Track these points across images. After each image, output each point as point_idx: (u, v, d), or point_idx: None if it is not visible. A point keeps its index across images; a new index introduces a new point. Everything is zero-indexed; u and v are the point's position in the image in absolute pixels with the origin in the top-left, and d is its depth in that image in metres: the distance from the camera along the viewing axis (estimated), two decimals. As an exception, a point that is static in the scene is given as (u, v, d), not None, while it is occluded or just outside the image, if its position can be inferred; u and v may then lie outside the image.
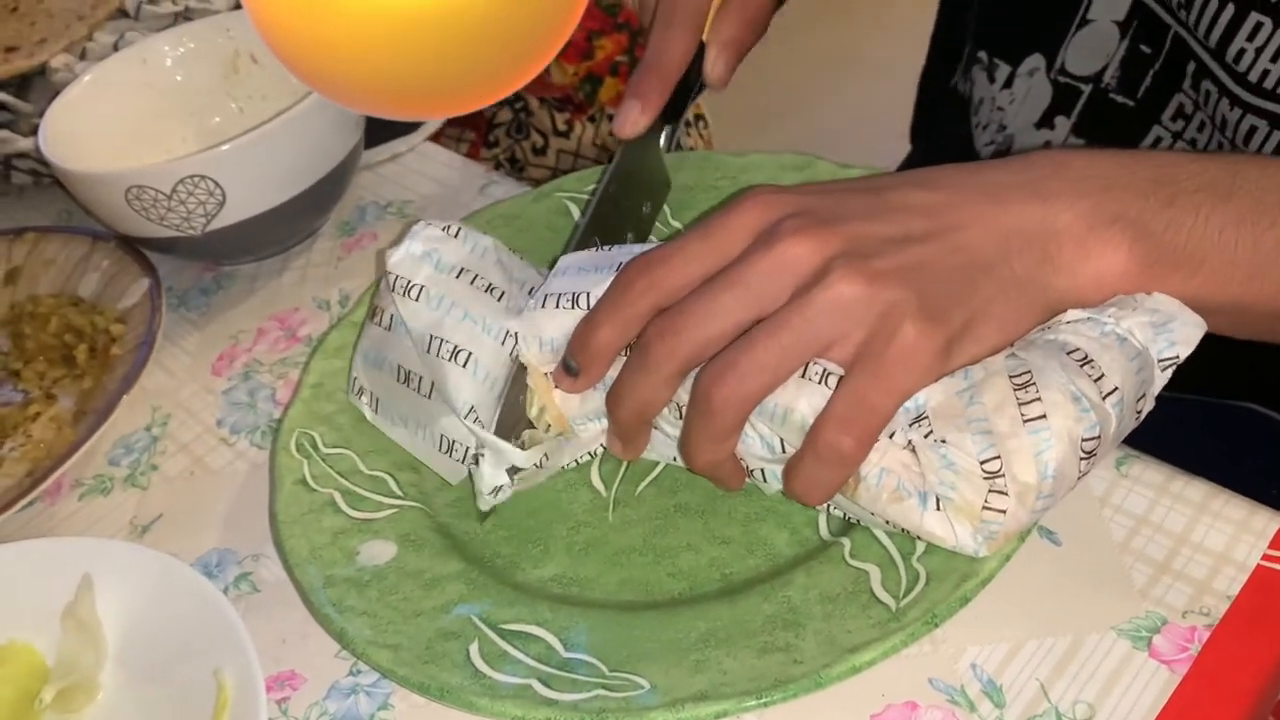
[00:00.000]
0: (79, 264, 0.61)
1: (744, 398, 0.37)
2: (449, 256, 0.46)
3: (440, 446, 0.46)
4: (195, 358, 0.58)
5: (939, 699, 0.37)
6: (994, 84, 0.66)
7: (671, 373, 0.39)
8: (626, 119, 0.50)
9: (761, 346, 0.37)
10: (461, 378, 0.43)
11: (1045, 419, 0.35)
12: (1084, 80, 0.61)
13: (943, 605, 0.37)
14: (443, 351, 0.44)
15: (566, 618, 0.40)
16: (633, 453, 0.44)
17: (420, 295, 0.45)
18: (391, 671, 0.39)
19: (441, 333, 0.44)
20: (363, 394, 0.48)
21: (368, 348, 0.48)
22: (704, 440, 0.39)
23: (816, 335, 0.36)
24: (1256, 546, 0.39)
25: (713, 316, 0.38)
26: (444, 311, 0.45)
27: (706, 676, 0.37)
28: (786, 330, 0.36)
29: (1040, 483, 0.35)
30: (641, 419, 0.41)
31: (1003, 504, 0.36)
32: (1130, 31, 0.58)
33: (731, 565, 0.42)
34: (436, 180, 0.65)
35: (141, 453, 0.53)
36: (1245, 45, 0.50)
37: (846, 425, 0.36)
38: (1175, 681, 0.37)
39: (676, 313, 0.38)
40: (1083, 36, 0.60)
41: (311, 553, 0.43)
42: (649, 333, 0.39)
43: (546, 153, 1.08)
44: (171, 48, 0.65)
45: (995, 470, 0.35)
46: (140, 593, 0.42)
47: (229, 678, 0.39)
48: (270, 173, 0.56)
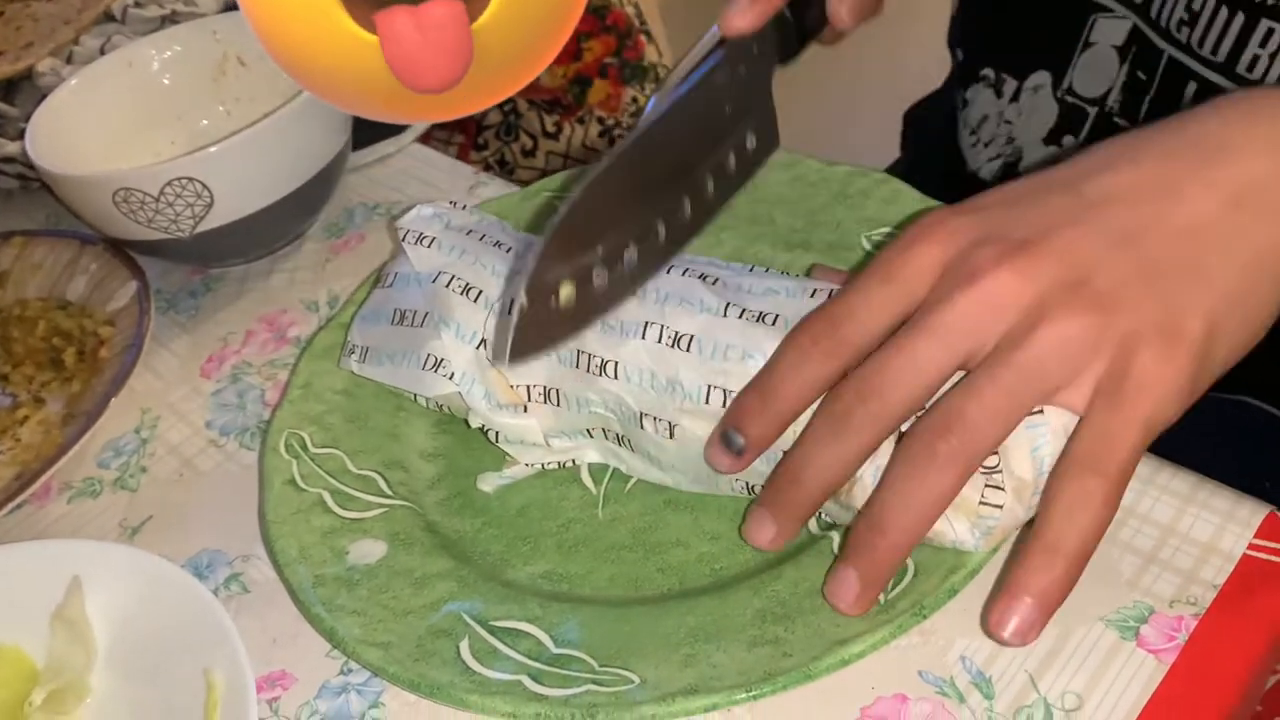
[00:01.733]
0: (67, 267, 0.61)
1: (975, 453, 0.33)
2: (458, 221, 0.49)
3: (426, 364, 0.44)
4: (184, 360, 0.57)
5: (928, 691, 0.37)
6: (1001, 98, 0.66)
7: (873, 440, 0.34)
8: (735, 8, 0.40)
9: (989, 394, 0.32)
10: (472, 311, 0.44)
11: (1042, 414, 0.35)
12: (1090, 102, 0.61)
13: (931, 597, 0.37)
14: (453, 285, 0.45)
15: (556, 614, 0.40)
16: (787, 537, 0.38)
17: (432, 244, 0.47)
18: (382, 670, 0.39)
19: (452, 270, 0.46)
20: (353, 352, 0.48)
21: (367, 310, 0.49)
22: (919, 501, 0.33)
23: (1046, 378, 0.32)
24: (1243, 536, 0.40)
25: (919, 373, 0.33)
26: (455, 256, 0.46)
27: (696, 670, 0.37)
28: (1015, 373, 0.32)
29: (1037, 479, 0.35)
30: (827, 496, 0.36)
31: (999, 499, 0.36)
32: (1129, 57, 0.58)
33: (721, 560, 0.42)
34: (425, 182, 0.65)
35: (131, 455, 0.53)
36: (1259, 52, 0.50)
37: (1093, 467, 0.32)
38: (1163, 671, 0.37)
39: (874, 371, 0.34)
40: (1087, 59, 0.60)
41: (301, 552, 0.43)
42: (846, 396, 0.34)
43: (536, 155, 1.08)
44: (158, 51, 0.65)
45: (993, 466, 0.35)
46: (129, 594, 0.42)
47: (219, 678, 0.38)
48: (258, 174, 0.56)
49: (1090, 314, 0.32)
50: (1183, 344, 0.32)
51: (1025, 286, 0.33)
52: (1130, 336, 0.32)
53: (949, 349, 0.33)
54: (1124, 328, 0.32)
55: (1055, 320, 0.32)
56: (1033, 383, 0.33)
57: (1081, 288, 0.32)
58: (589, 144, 1.09)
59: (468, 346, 0.44)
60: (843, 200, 0.52)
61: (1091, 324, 0.32)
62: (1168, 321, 0.32)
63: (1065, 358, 0.32)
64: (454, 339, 0.44)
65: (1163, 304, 0.32)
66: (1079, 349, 0.32)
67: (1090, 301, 0.32)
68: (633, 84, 1.12)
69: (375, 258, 0.60)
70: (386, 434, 0.48)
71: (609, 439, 0.44)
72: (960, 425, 0.33)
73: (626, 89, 1.11)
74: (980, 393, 0.33)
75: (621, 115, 1.10)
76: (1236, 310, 0.33)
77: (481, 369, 0.44)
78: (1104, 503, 0.33)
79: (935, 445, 0.33)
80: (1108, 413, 0.32)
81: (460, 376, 0.44)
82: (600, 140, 1.09)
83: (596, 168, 0.35)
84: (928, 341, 0.33)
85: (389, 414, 0.48)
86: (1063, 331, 0.32)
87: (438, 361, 0.44)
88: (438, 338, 0.45)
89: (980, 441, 0.33)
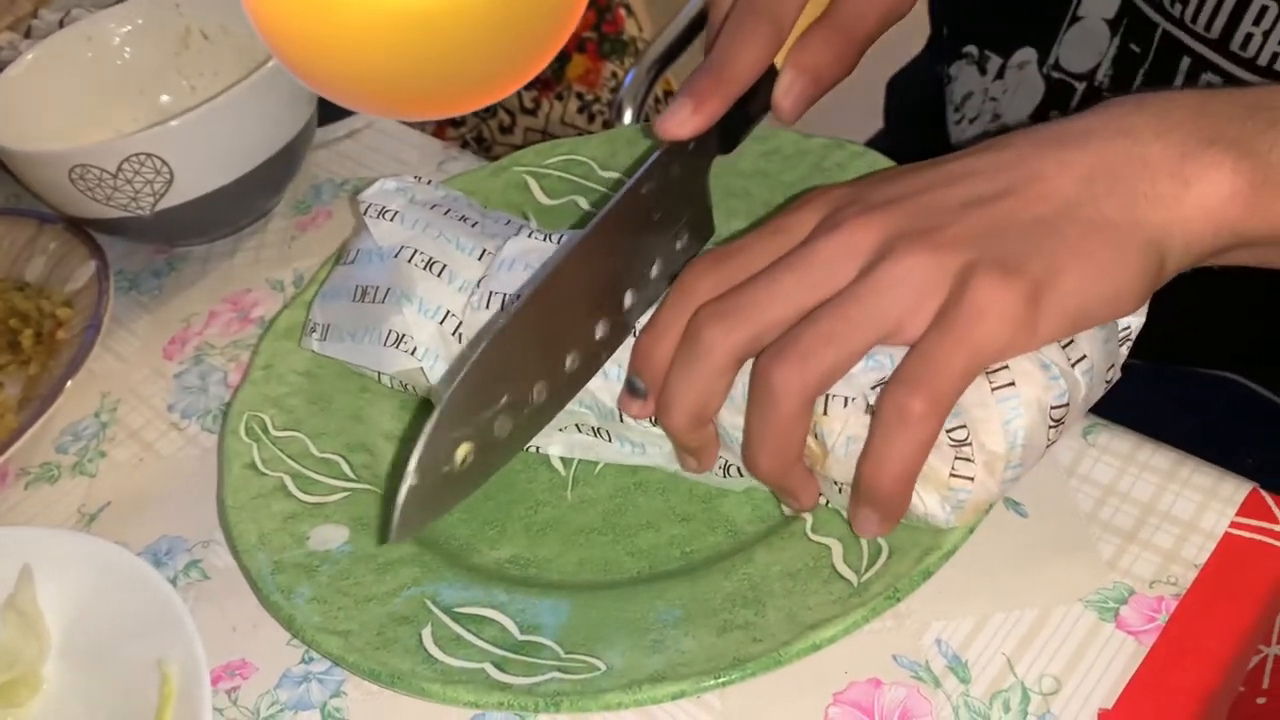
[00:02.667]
0: (25, 247, 0.59)
1: (807, 378, 0.34)
2: (422, 195, 0.47)
3: (387, 340, 0.43)
4: (146, 341, 0.56)
5: (903, 675, 0.36)
6: (985, 75, 0.65)
7: (725, 361, 0.35)
8: (675, 117, 0.40)
9: (825, 320, 0.34)
10: (436, 285, 0.43)
11: (1014, 386, 0.34)
12: (1077, 78, 0.60)
13: (905, 580, 0.36)
14: (415, 259, 0.44)
15: (523, 600, 0.39)
16: (705, 463, 0.40)
17: (395, 218, 0.46)
18: (342, 659, 0.37)
19: (415, 245, 0.44)
20: (314, 330, 0.47)
21: (328, 288, 0.48)
22: (767, 435, 0.35)
23: (884, 309, 0.33)
24: (1224, 514, 0.39)
25: (771, 299, 0.35)
26: (419, 230, 0.45)
27: (664, 656, 0.36)
28: (853, 303, 0.34)
29: (1009, 452, 0.34)
30: (698, 420, 0.37)
31: (969, 470, 0.34)
32: (1121, 30, 0.57)
33: (692, 543, 0.41)
34: (394, 157, 0.64)
35: (90, 439, 0.52)
36: (1252, 30, 0.50)
37: (913, 385, 0.32)
38: (1143, 653, 0.36)
39: (733, 296, 0.35)
40: (1074, 33, 0.59)
41: (260, 538, 0.42)
42: (700, 318, 0.36)
43: (514, 131, 1.07)
44: (118, 25, 0.64)
45: (962, 439, 0.34)
46: (83, 582, 0.41)
47: (173, 669, 0.37)
48: (219, 150, 0.54)
49: (929, 251, 0.33)
50: (1020, 277, 0.32)
51: (877, 233, 0.34)
52: (968, 267, 0.33)
53: (802, 282, 0.35)
54: (962, 260, 0.33)
55: (898, 256, 0.34)
56: (870, 312, 0.33)
57: (929, 233, 0.34)
58: (567, 120, 1.07)
59: (431, 322, 0.43)
60: (819, 173, 0.51)
61: (932, 259, 0.33)
62: (1007, 258, 0.33)
63: (903, 289, 0.33)
64: (416, 314, 0.43)
65: (1005, 245, 0.33)
66: (918, 282, 0.33)
67: (934, 243, 0.33)
68: (612, 58, 1.10)
69: (342, 235, 0.59)
70: (350, 416, 0.47)
71: (583, 431, 0.43)
72: (794, 351, 0.34)
73: (606, 63, 1.10)
74: (817, 319, 0.34)
75: (600, 90, 1.08)
76: (1080, 262, 0.33)
77: (446, 344, 0.43)
78: (919, 421, 0.33)
79: (770, 371, 0.34)
80: (937, 334, 0.33)
81: (423, 352, 0.43)
82: (579, 116, 1.08)
83: (496, 326, 0.35)
84: (783, 272, 0.35)
85: (352, 395, 0.47)
86: (903, 264, 0.33)
87: (399, 337, 0.43)
88: (399, 313, 0.43)
89: (813, 370, 0.34)
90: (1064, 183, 0.34)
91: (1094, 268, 0.33)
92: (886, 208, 0.35)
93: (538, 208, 0.54)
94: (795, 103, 0.43)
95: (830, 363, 0.34)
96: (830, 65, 0.43)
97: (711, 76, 0.41)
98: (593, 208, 0.54)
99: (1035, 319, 0.33)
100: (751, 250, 0.37)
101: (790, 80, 0.43)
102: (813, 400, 0.35)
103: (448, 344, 0.43)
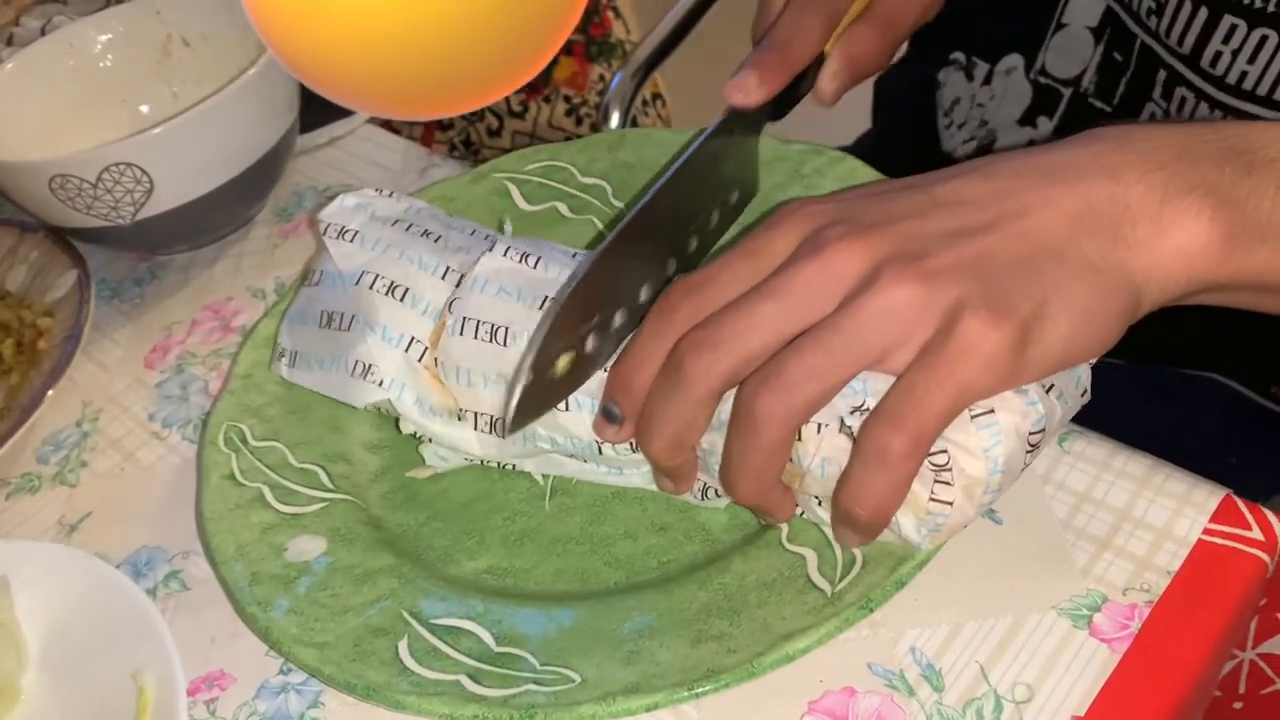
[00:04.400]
0: (6, 256, 0.59)
1: (790, 409, 0.34)
2: (383, 210, 0.47)
3: (355, 371, 0.43)
4: (128, 350, 0.56)
5: (877, 684, 0.37)
6: (973, 81, 0.65)
7: (708, 392, 0.35)
8: (742, 85, 0.43)
9: (809, 351, 0.33)
10: (399, 311, 0.43)
11: (993, 413, 0.34)
12: (1063, 83, 0.60)
13: (878, 589, 0.36)
14: (377, 285, 0.44)
15: (500, 611, 0.39)
16: (683, 486, 0.40)
17: (355, 239, 0.45)
18: (318, 670, 0.38)
19: (376, 269, 0.44)
20: (283, 356, 0.47)
21: (294, 310, 0.47)
22: (748, 462, 0.35)
23: (869, 341, 0.33)
24: (1198, 521, 0.39)
25: (753, 328, 0.34)
26: (379, 252, 0.45)
27: (638, 668, 0.36)
28: (837, 334, 0.33)
29: (989, 477, 0.35)
30: (679, 447, 0.37)
31: (949, 495, 0.35)
32: (1104, 39, 0.57)
33: (669, 552, 0.41)
34: (377, 164, 0.64)
35: (71, 449, 0.52)
36: (1221, 48, 0.50)
37: (896, 422, 0.33)
38: (1115, 660, 0.36)
39: (714, 325, 0.35)
40: (1060, 40, 0.60)
41: (238, 549, 0.42)
42: (681, 348, 0.35)
43: (501, 134, 1.07)
44: (99, 32, 0.63)
45: (942, 464, 0.34)
46: (61, 594, 0.41)
47: (150, 681, 0.37)
48: (199, 159, 0.54)
49: (920, 284, 0.33)
50: (1009, 318, 0.32)
51: (862, 259, 0.34)
52: (956, 305, 0.33)
53: (785, 309, 0.34)
54: (950, 297, 0.33)
55: (884, 287, 0.33)
56: (855, 344, 0.33)
57: (916, 263, 0.33)
58: (555, 123, 1.07)
59: (396, 350, 0.43)
60: (798, 179, 0.51)
61: (920, 292, 0.33)
62: (996, 297, 0.33)
63: (890, 322, 0.33)
64: (380, 342, 0.43)
65: (994, 285, 0.33)
66: (905, 315, 0.33)
67: (921, 274, 0.33)
68: (599, 61, 1.10)
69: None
70: (329, 426, 0.47)
71: (558, 452, 0.43)
72: (777, 381, 0.34)
73: (593, 66, 1.09)
74: (801, 350, 0.34)
75: (588, 93, 1.08)
76: (1065, 306, 0.33)
77: (412, 372, 0.43)
78: (901, 460, 0.33)
79: (753, 401, 0.34)
80: (922, 371, 0.33)
81: (390, 383, 0.43)
82: (567, 119, 1.08)
83: (601, 247, 0.38)
84: (764, 300, 0.35)
85: (331, 405, 0.47)
86: (890, 297, 0.33)
87: (366, 368, 0.43)
88: (364, 341, 0.43)
89: (795, 400, 0.34)
90: (1049, 220, 0.34)
91: (1077, 313, 0.33)
92: (870, 231, 0.34)
93: (518, 213, 0.54)
94: (839, 89, 0.47)
95: (814, 394, 0.34)
96: (873, 57, 0.48)
97: (776, 53, 0.44)
98: (573, 214, 0.54)
99: (1020, 364, 0.33)
100: (730, 273, 0.36)
101: (836, 68, 0.47)
102: (796, 429, 0.35)
103: (414, 371, 0.43)
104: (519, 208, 0.55)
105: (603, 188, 0.54)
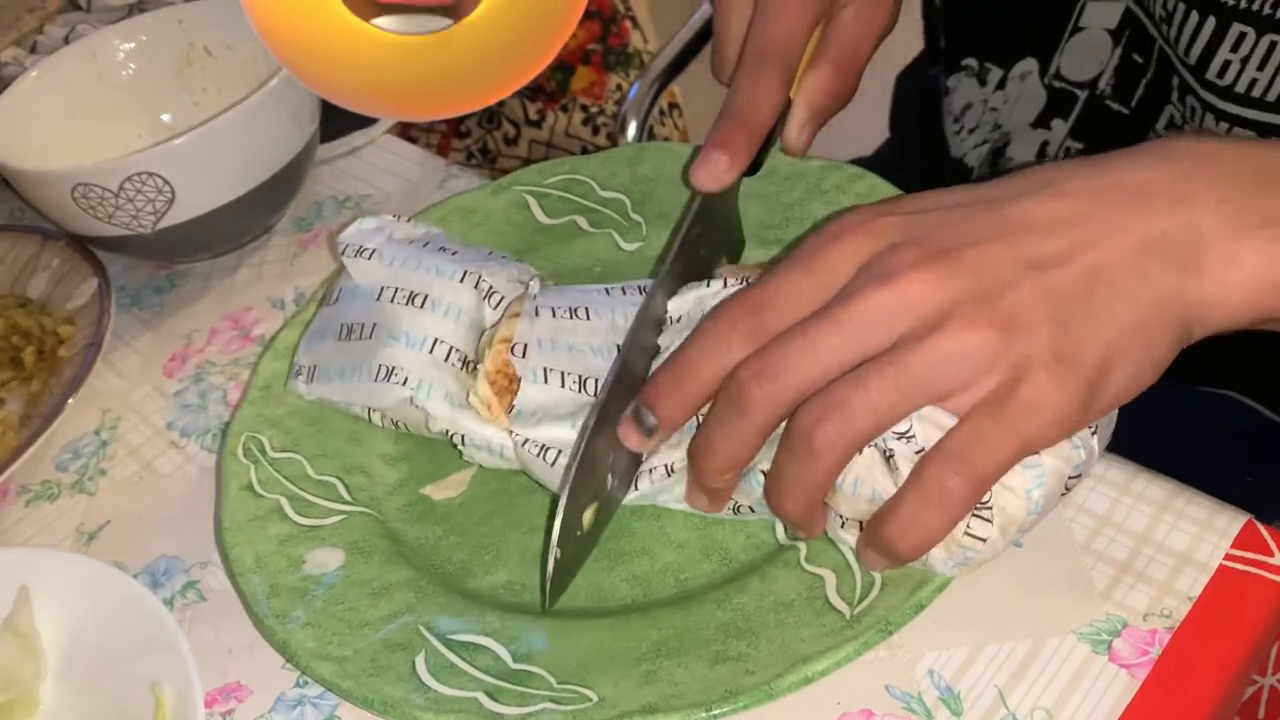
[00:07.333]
0: (28, 263, 0.59)
1: (851, 440, 0.33)
2: (400, 233, 0.48)
3: (378, 375, 0.44)
4: (147, 359, 0.56)
5: (895, 707, 0.36)
6: (985, 86, 0.65)
7: (769, 421, 0.35)
8: (712, 171, 0.44)
9: (874, 388, 0.33)
10: (419, 316, 0.44)
11: (1039, 455, 0.34)
12: (1079, 86, 0.60)
13: (897, 612, 0.36)
14: (397, 298, 0.45)
15: (517, 627, 0.39)
16: (717, 507, 0.40)
17: (373, 256, 0.46)
18: (335, 685, 0.38)
19: (395, 283, 0.45)
20: (300, 374, 0.47)
21: (313, 329, 0.48)
22: (800, 484, 0.35)
23: (937, 382, 0.33)
24: (1219, 546, 0.39)
25: (818, 360, 0.34)
26: (397, 266, 0.46)
27: (656, 688, 0.36)
28: (904, 373, 0.33)
29: (1026, 517, 0.35)
30: (733, 471, 0.37)
31: (985, 531, 0.35)
32: (1123, 40, 0.57)
33: (686, 570, 0.41)
34: (396, 174, 0.64)
35: (90, 457, 0.52)
36: (1230, 57, 0.50)
37: (959, 466, 0.32)
38: (1135, 687, 0.36)
39: (777, 354, 0.34)
40: (1076, 43, 0.59)
41: (256, 561, 0.42)
42: (743, 376, 0.35)
43: (518, 143, 1.07)
44: (123, 41, 0.64)
45: (984, 501, 0.34)
46: (80, 604, 0.41)
47: (167, 693, 0.38)
48: (220, 169, 0.54)
49: (990, 330, 0.32)
50: (1076, 373, 0.32)
51: (934, 292, 0.33)
52: (1026, 358, 0.32)
53: (850, 341, 0.34)
54: (1022, 349, 0.32)
55: (955, 330, 0.32)
56: (920, 384, 0.33)
57: (987, 303, 0.33)
58: (572, 132, 1.07)
59: (419, 353, 0.43)
60: (818, 194, 0.51)
61: (990, 340, 0.32)
62: (1065, 350, 0.32)
63: (958, 367, 0.33)
64: (403, 348, 0.43)
65: (1062, 333, 0.32)
66: (973, 362, 0.33)
67: (992, 318, 0.32)
68: (617, 70, 1.10)
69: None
70: (348, 437, 0.47)
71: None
72: (839, 414, 0.33)
73: (611, 75, 1.10)
74: (865, 384, 0.33)
75: (605, 102, 1.08)
76: (1131, 352, 0.33)
77: (439, 370, 0.43)
78: (957, 502, 0.33)
79: (812, 432, 0.34)
80: (989, 419, 0.32)
81: (415, 383, 0.43)
82: (584, 128, 1.08)
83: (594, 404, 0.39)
84: (830, 330, 0.34)
85: (350, 417, 0.47)
86: (961, 341, 0.32)
87: (389, 370, 0.43)
88: (387, 348, 0.43)
89: (856, 432, 0.33)
90: (1122, 253, 0.33)
91: (1140, 357, 0.33)
92: (940, 262, 0.33)
93: (537, 227, 0.55)
94: (808, 140, 0.48)
95: (874, 426, 0.33)
96: (836, 98, 0.48)
97: (741, 128, 0.44)
98: (592, 227, 0.54)
99: (1084, 417, 0.33)
100: (791, 293, 0.35)
101: (803, 119, 0.47)
102: (851, 456, 0.34)
103: (440, 370, 0.43)
104: (538, 221, 0.55)
105: (622, 201, 0.54)
